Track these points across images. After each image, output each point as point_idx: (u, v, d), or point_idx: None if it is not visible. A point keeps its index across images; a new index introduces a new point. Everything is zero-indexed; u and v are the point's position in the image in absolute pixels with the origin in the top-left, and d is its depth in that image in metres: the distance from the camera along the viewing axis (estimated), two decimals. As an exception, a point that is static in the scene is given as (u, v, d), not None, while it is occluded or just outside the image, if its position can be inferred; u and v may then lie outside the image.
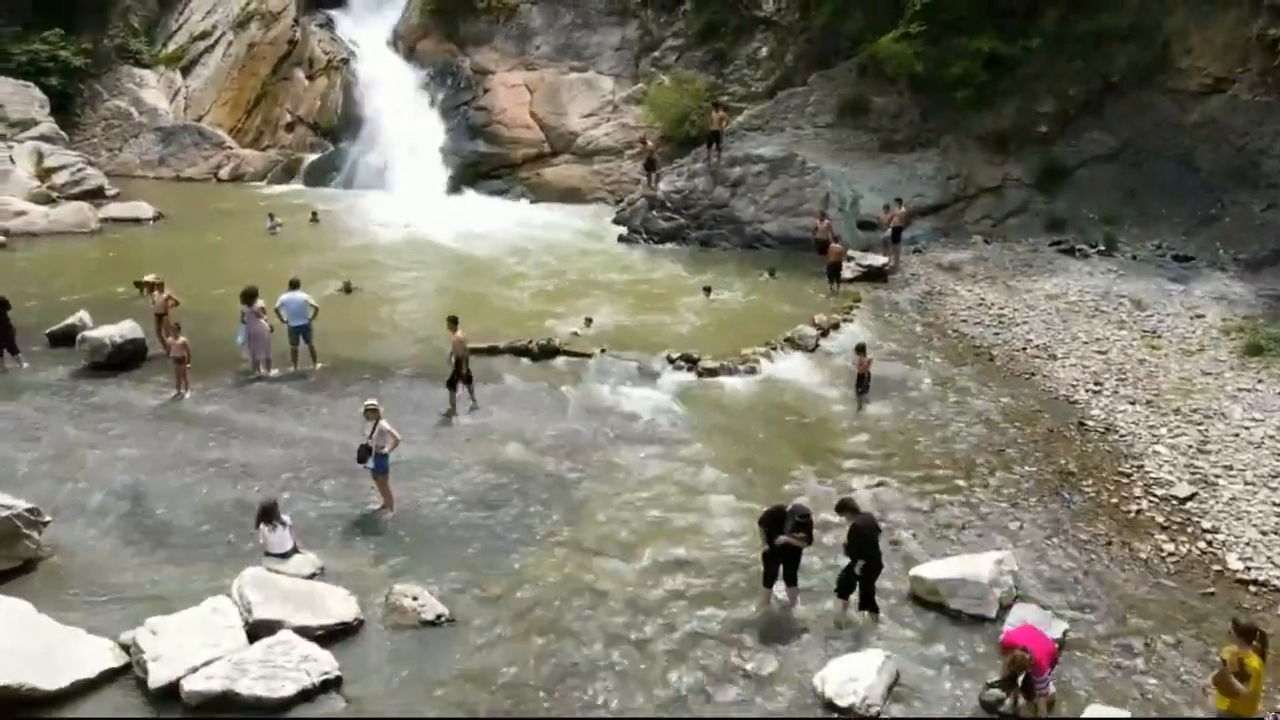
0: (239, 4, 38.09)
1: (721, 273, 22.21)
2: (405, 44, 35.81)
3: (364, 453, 11.36)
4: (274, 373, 15.71)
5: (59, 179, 29.83)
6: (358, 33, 36.87)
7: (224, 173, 34.23)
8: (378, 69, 34.66)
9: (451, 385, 14.41)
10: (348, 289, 20.86)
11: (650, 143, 25.98)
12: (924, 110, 25.93)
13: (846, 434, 14.16)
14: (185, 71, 38.03)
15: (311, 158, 34.00)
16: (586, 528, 11.43)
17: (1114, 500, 12.16)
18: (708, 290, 19.90)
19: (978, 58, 24.23)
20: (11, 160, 29.57)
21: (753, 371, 16.41)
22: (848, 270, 21.23)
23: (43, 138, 31.89)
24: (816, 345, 17.60)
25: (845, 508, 9.97)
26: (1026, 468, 13.06)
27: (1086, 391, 15.41)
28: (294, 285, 15.74)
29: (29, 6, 36.30)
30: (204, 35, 38.29)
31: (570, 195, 30.41)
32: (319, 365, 15.99)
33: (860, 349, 15.45)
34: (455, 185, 31.68)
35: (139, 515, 11.44)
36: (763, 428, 14.39)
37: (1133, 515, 11.80)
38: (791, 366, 16.83)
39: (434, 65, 34.50)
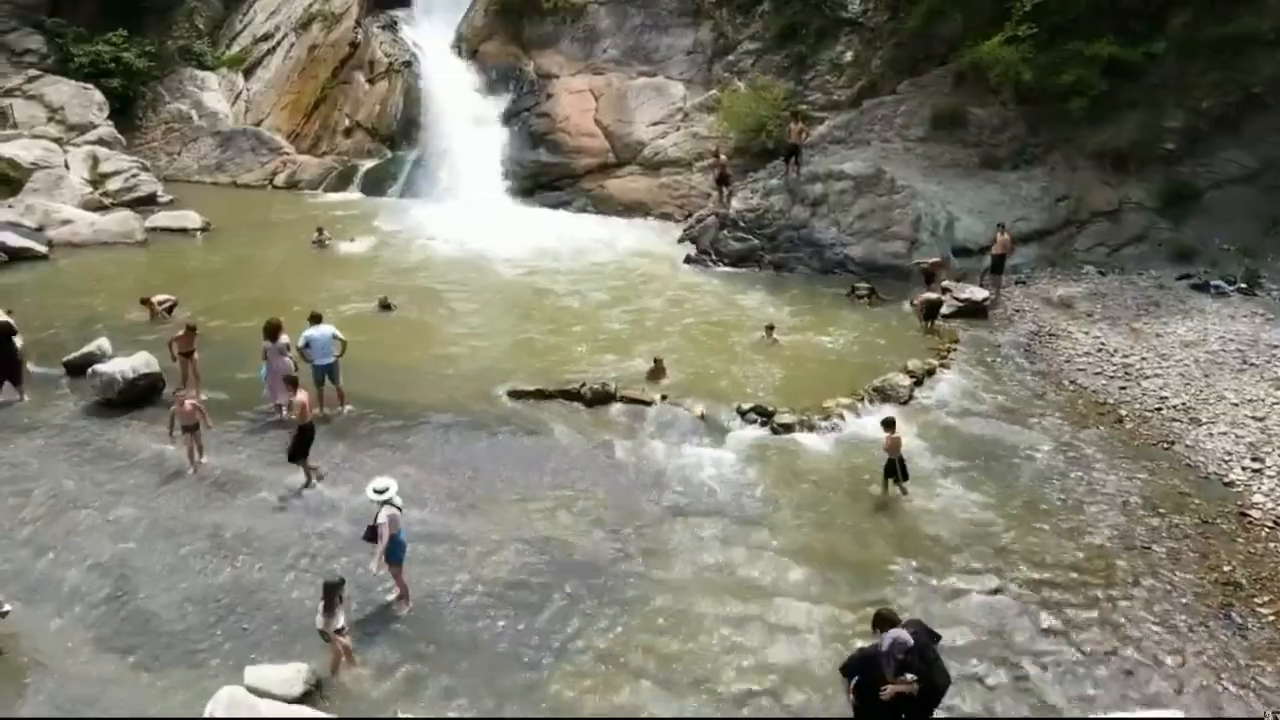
0: (302, 5, 37.18)
1: (799, 301, 20.04)
2: (468, 46, 34.37)
3: (372, 534, 9.56)
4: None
5: (112, 185, 29.06)
6: (421, 35, 35.62)
7: (279, 179, 33.22)
8: (439, 73, 33.27)
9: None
10: (385, 306, 19.42)
11: (723, 156, 23.84)
12: (1030, 123, 23.26)
13: (949, 515, 11.85)
14: (247, 74, 37.21)
15: (368, 165, 32.77)
16: (629, 638, 9.42)
17: (1301, 628, 9.66)
18: (770, 329, 17.54)
19: (1094, 65, 21.52)
20: (66, 165, 28.94)
21: (835, 428, 14.19)
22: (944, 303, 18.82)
23: (100, 141, 31.28)
24: (910, 397, 15.26)
25: (884, 621, 7.76)
26: (1180, 574, 10.59)
27: (1243, 469, 12.79)
28: (317, 319, 14.08)
29: (96, 8, 35.97)
30: (266, 37, 37.46)
31: (635, 209, 28.49)
32: (346, 408, 14.33)
33: (888, 424, 12.36)
34: (514, 196, 30.05)
35: (118, 601, 9.83)
36: (848, 503, 12.18)
37: (1329, 652, 9.30)
38: (879, 422, 14.52)
39: (497, 69, 32.97)
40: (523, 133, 31.07)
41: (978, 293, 19.38)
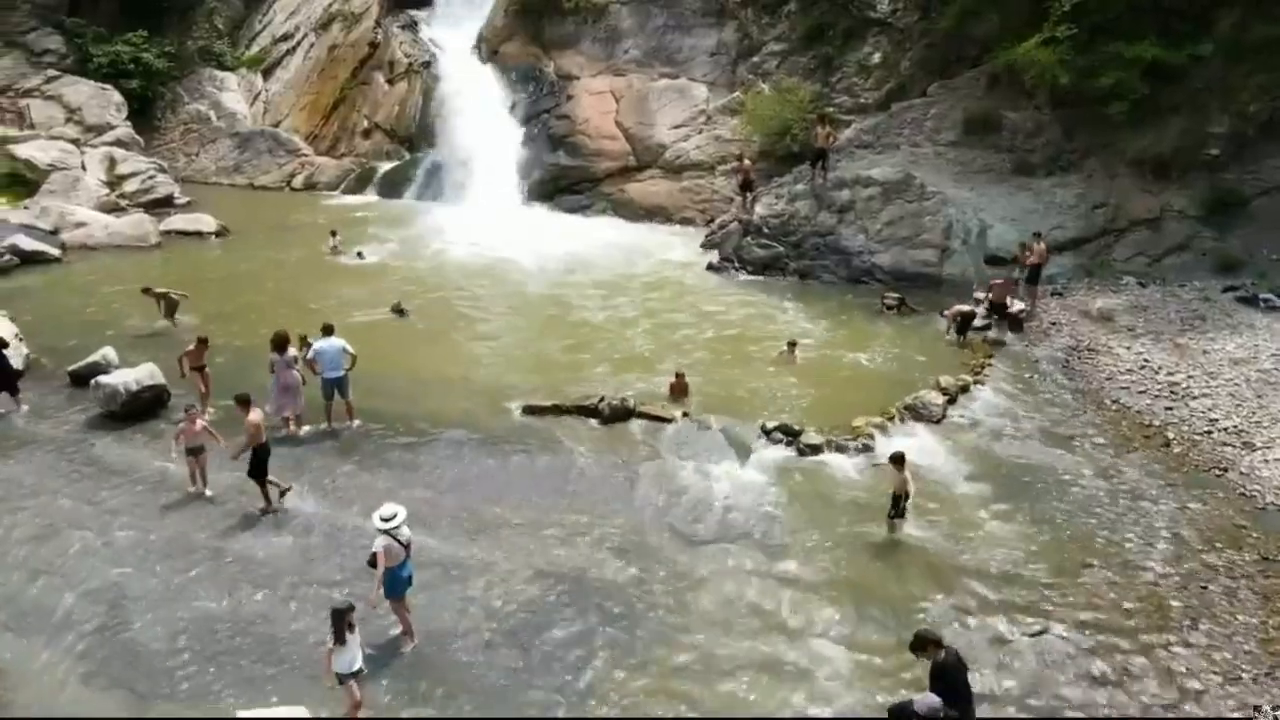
0: (322, 5, 36.86)
1: (825, 312, 19.36)
2: (489, 47, 33.92)
3: (374, 561, 8.98)
4: (304, 430, 13.58)
5: (129, 186, 28.79)
6: (442, 35, 35.28)
7: (297, 181, 32.89)
8: (459, 73, 32.87)
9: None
10: (399, 311, 19.03)
11: (747, 160, 23.15)
12: (1067, 128, 22.41)
13: (987, 547, 11.14)
14: (266, 74, 36.94)
15: (386, 167, 32.36)
16: (646, 682, 8.79)
17: (1377, 681, 8.90)
18: (791, 346, 16.71)
19: (1136, 67, 20.63)
20: (83, 167, 28.72)
21: (866, 449, 13.48)
22: (977, 314, 18.08)
23: (118, 143, 31.06)
24: (943, 416, 14.55)
25: (925, 643, 7.46)
26: (1241, 617, 9.84)
27: (1304, 500, 12.01)
28: (328, 331, 13.57)
29: (116, 8, 35.80)
30: (286, 37, 37.17)
31: (656, 213, 27.89)
32: (355, 422, 13.80)
33: (897, 460, 11.24)
34: (533, 199, 29.52)
35: (109, 631, 9.32)
36: (879, 531, 11.48)
37: None
38: (913, 444, 13.78)
39: (517, 70, 32.47)
40: (542, 135, 30.55)
41: (1013, 304, 18.59)
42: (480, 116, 31.12)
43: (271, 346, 13.32)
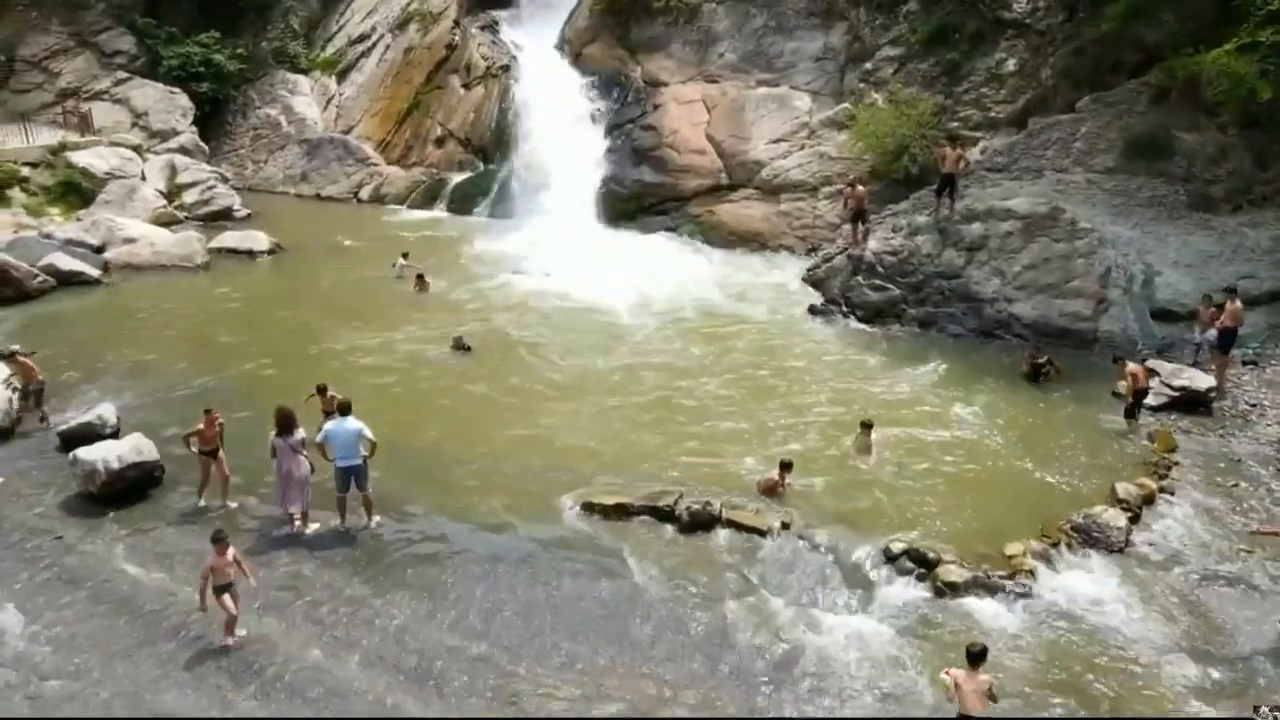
0: (400, 4, 34.84)
1: (953, 376, 15.98)
2: (572, 49, 31.26)
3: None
4: (311, 529, 11.04)
5: (188, 197, 27.22)
6: (524, 37, 32.75)
7: (364, 193, 30.89)
8: (539, 78, 30.25)
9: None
10: (461, 347, 16.92)
11: (860, 187, 19.83)
12: (1259, 153, 18.45)
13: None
14: (341, 77, 35.10)
15: (457, 179, 30.03)
16: None
17: None
18: (867, 428, 13.13)
19: (1357, 81, 16.62)
20: (142, 176, 27.27)
21: (1026, 591, 10.19)
22: (1150, 393, 14.43)
23: (181, 149, 29.63)
24: (1127, 542, 11.11)
25: None
26: None
27: None
28: (345, 410, 10.93)
29: (193, 6, 34.57)
30: (362, 38, 35.28)
31: (749, 239, 24.76)
32: (374, 520, 11.19)
33: (976, 657, 7.73)
34: (613, 219, 26.75)
35: None
36: (1056, 728, 8.26)
37: None
38: (1090, 583, 10.46)
39: (600, 75, 29.72)
40: (625, 147, 27.72)
41: (1199, 378, 14.87)
42: (560, 126, 28.51)
43: (275, 426, 10.81)
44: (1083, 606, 10.05)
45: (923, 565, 10.49)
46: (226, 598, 8.98)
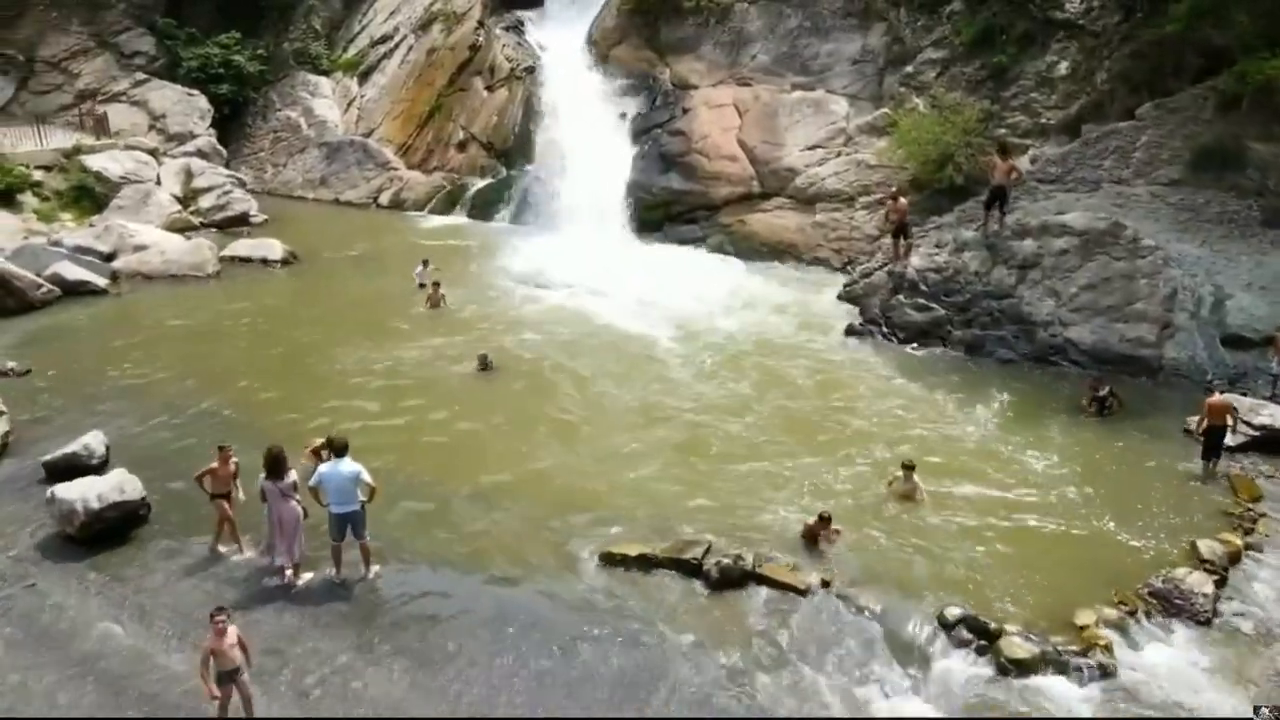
0: (423, 4, 33.99)
1: (1005, 411, 14.70)
2: (598, 51, 30.20)
3: None
4: (304, 580, 10.05)
5: (203, 202, 26.55)
6: (550, 37, 31.73)
7: (384, 198, 30.11)
8: (564, 81, 29.26)
9: None
10: (485, 366, 16.12)
11: (903, 199, 18.58)
12: (1341, 166, 17.03)
13: None
14: (363, 79, 34.34)
15: (478, 185, 29.15)
16: None
17: None
18: (909, 469, 11.88)
19: None
20: (158, 180, 26.62)
21: (1103, 670, 8.96)
22: (1230, 433, 13.07)
23: (198, 153, 29.02)
24: (1214, 611, 9.85)
25: None
26: None
27: None
28: (341, 451, 9.92)
29: (213, 7, 33.97)
30: (385, 39, 34.51)
31: (782, 251, 23.62)
32: (372, 570, 10.19)
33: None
34: (639, 229, 25.69)
35: None
36: None
37: None
38: (1174, 660, 9.23)
39: (627, 77, 28.65)
40: (653, 153, 26.65)
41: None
42: (585, 130, 27.49)
43: (264, 468, 9.84)
44: (1167, 689, 8.83)
45: (983, 636, 9.30)
46: (233, 688, 7.85)
